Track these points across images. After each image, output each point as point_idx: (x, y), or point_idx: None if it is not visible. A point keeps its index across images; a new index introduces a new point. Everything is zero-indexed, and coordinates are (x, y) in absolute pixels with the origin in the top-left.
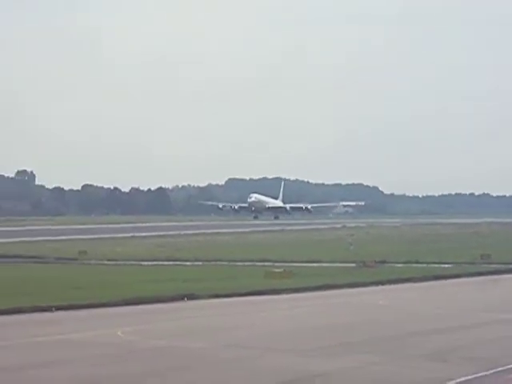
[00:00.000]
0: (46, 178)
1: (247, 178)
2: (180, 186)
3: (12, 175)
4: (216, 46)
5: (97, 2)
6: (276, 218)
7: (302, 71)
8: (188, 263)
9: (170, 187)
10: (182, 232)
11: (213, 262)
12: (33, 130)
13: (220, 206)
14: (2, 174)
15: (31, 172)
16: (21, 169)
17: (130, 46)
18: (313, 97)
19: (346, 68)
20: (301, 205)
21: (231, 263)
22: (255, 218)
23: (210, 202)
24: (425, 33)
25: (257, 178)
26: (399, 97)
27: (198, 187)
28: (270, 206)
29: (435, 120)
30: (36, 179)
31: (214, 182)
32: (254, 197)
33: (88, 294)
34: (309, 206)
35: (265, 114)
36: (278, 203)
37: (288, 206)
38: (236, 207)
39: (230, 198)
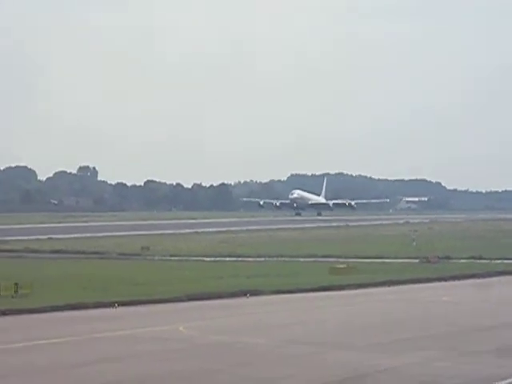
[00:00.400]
0: (109, 174)
1: (309, 173)
2: (242, 181)
3: (74, 171)
4: (279, 36)
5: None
6: (319, 214)
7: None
8: (250, 259)
9: (232, 183)
10: (245, 227)
11: (275, 258)
12: (95, 126)
13: (261, 202)
14: (65, 169)
15: (93, 168)
16: (83, 165)
17: (182, 39)
18: (376, 90)
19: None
20: (344, 201)
21: (294, 259)
22: (297, 214)
23: (251, 199)
24: None
25: (319, 173)
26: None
27: (260, 183)
28: (313, 202)
29: None
30: (98, 175)
31: (276, 178)
32: (297, 193)
33: (150, 289)
34: (352, 203)
35: (327, 109)
36: (321, 199)
37: (331, 202)
38: (278, 204)
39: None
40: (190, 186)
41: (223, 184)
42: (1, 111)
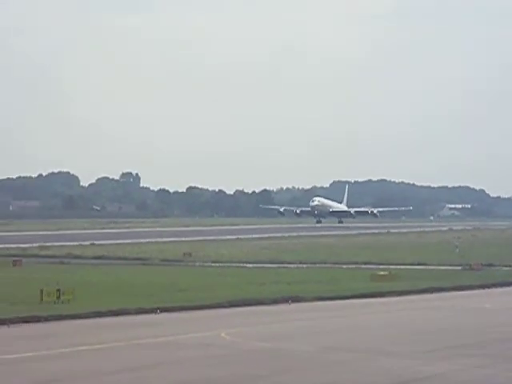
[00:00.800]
0: (151, 180)
1: (352, 180)
2: (284, 188)
3: (117, 177)
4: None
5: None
6: (340, 222)
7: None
8: (292, 265)
9: (275, 189)
10: (287, 234)
11: (317, 265)
12: (138, 133)
13: (281, 209)
14: (107, 176)
15: (136, 174)
16: (126, 171)
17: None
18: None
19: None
20: (366, 209)
21: (336, 265)
22: (318, 222)
23: (271, 206)
24: None
25: (362, 180)
26: None
27: (303, 189)
28: (334, 210)
29: None
30: (141, 181)
31: (318, 185)
32: (317, 200)
33: (192, 295)
34: (375, 211)
35: (366, 121)
36: (342, 207)
37: (353, 210)
38: (298, 211)
39: (335, 201)
40: (232, 193)
41: (265, 190)
42: (44, 118)
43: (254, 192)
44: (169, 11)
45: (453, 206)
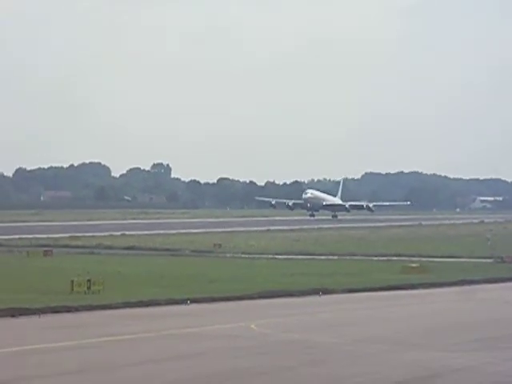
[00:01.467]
0: (182, 171)
1: (383, 172)
2: (315, 179)
3: (148, 168)
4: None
5: None
6: (334, 216)
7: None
8: (323, 257)
9: (306, 181)
10: (316, 226)
11: (347, 257)
12: (169, 124)
13: (273, 202)
14: (139, 166)
15: (167, 165)
16: (157, 162)
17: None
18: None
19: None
20: (361, 203)
21: (366, 258)
22: (311, 215)
23: (264, 198)
24: None
25: (393, 172)
26: None
27: (334, 181)
28: (328, 203)
29: None
30: (172, 172)
31: (350, 176)
32: (310, 192)
33: (222, 287)
34: (370, 205)
35: (398, 113)
36: (337, 200)
37: (347, 203)
38: (290, 204)
39: (365, 193)
40: (263, 184)
41: (296, 182)
42: (75, 109)
43: (284, 183)
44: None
45: (484, 198)
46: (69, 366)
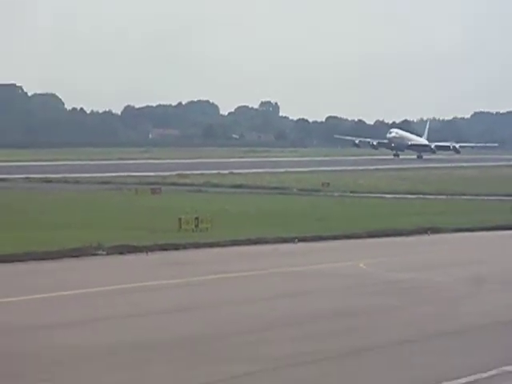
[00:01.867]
0: (290, 110)
1: (493, 111)
2: (425, 118)
3: (256, 106)
4: None
5: None
6: (419, 157)
7: None
8: (431, 196)
9: (415, 120)
10: (423, 165)
11: (456, 196)
12: (278, 60)
13: (356, 141)
14: (247, 104)
15: (275, 103)
16: (265, 100)
17: None
18: None
19: None
20: (448, 143)
21: (475, 197)
22: (395, 155)
23: (345, 137)
24: None
25: (503, 111)
26: None
27: (443, 120)
28: (413, 143)
29: None
30: (280, 110)
31: (459, 116)
32: (395, 132)
33: (330, 225)
34: (457, 146)
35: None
36: (422, 141)
37: (433, 144)
38: (374, 143)
39: (475, 132)
40: (372, 123)
41: (406, 121)
42: (184, 48)
43: (394, 122)
44: None
45: None
46: (178, 302)
